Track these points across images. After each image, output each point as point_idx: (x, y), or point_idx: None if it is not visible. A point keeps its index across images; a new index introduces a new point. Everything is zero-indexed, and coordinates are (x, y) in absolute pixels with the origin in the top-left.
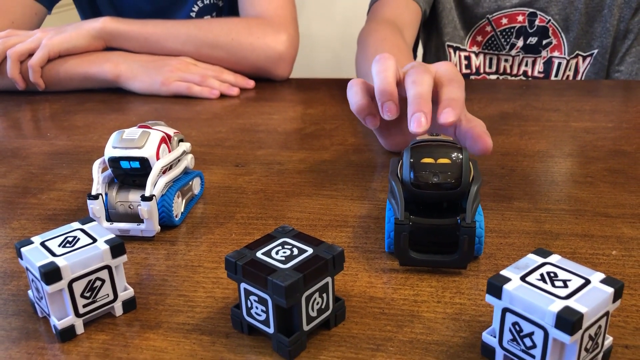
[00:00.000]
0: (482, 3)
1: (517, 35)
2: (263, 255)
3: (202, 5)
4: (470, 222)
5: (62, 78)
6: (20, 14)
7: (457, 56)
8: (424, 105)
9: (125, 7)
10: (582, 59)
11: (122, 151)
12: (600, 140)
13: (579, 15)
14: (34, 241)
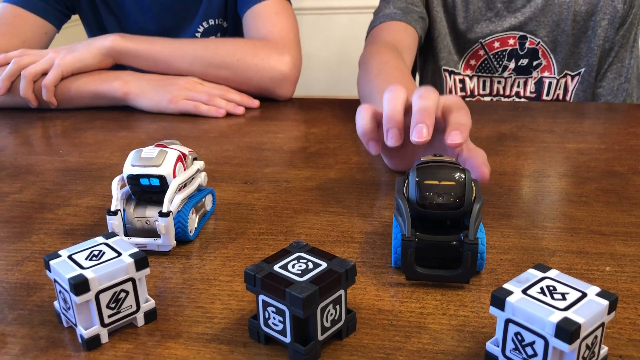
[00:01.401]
0: (475, 28)
1: (509, 58)
2: (280, 268)
3: (207, 26)
4: (472, 238)
5: (73, 96)
6: (30, 33)
7: (452, 80)
8: (427, 118)
9: (131, 26)
10: (571, 78)
11: (141, 169)
12: (593, 161)
13: (566, 37)
14: (62, 254)
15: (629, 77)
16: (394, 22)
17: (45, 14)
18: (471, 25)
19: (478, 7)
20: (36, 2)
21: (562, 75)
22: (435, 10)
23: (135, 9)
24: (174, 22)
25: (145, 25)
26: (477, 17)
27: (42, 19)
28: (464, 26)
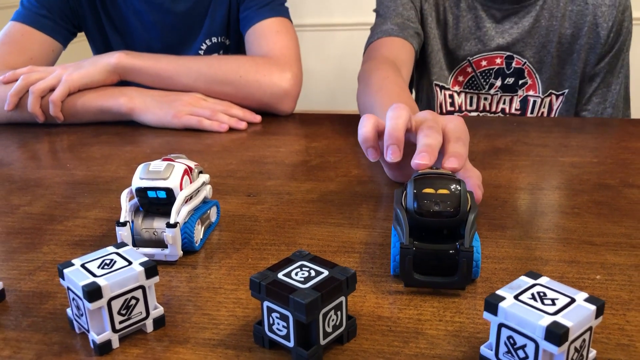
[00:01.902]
0: (464, 46)
1: (496, 76)
2: (284, 276)
3: (210, 44)
4: (468, 246)
5: (79, 111)
6: (38, 51)
7: (442, 94)
8: (430, 152)
9: (136, 44)
10: (556, 97)
11: (149, 182)
12: (585, 174)
13: (551, 58)
14: (75, 263)
15: (613, 102)
16: (391, 37)
17: (51, 32)
18: (460, 42)
19: (468, 25)
20: (43, 20)
21: (547, 95)
22: (429, 26)
23: (140, 27)
24: (178, 39)
25: (149, 43)
26: (466, 35)
27: (48, 36)
28: (453, 43)
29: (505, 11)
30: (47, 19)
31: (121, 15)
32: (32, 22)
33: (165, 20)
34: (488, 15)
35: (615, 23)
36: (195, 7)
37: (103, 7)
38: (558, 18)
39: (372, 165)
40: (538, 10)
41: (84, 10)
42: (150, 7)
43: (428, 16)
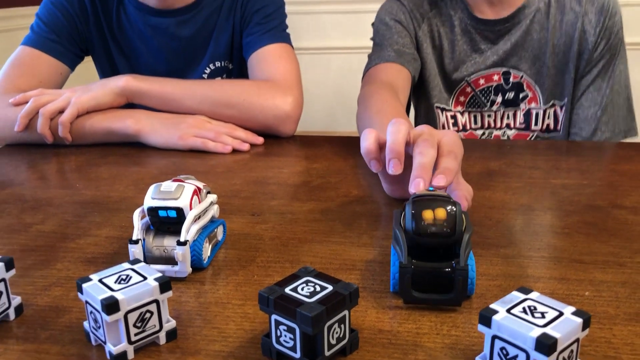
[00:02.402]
0: (461, 68)
1: (496, 92)
2: (291, 291)
3: (214, 68)
4: (463, 265)
5: (87, 132)
6: (46, 74)
7: (444, 116)
8: (425, 173)
9: (142, 67)
10: (560, 108)
11: (160, 202)
12: (576, 195)
13: (548, 69)
14: (93, 278)
15: (603, 106)
16: (389, 63)
17: (60, 56)
18: (458, 65)
19: (464, 48)
20: (52, 44)
21: (550, 105)
22: (425, 52)
23: (146, 51)
24: (183, 63)
25: (155, 67)
26: (462, 57)
27: (57, 60)
28: (451, 67)
29: (498, 32)
30: (56, 43)
31: (128, 40)
32: (42, 47)
33: (171, 44)
34: (482, 37)
35: (602, 29)
36: (200, 33)
37: (110, 31)
38: (549, 29)
39: (371, 186)
40: (528, 24)
41: (91, 35)
42: (156, 32)
43: (423, 42)
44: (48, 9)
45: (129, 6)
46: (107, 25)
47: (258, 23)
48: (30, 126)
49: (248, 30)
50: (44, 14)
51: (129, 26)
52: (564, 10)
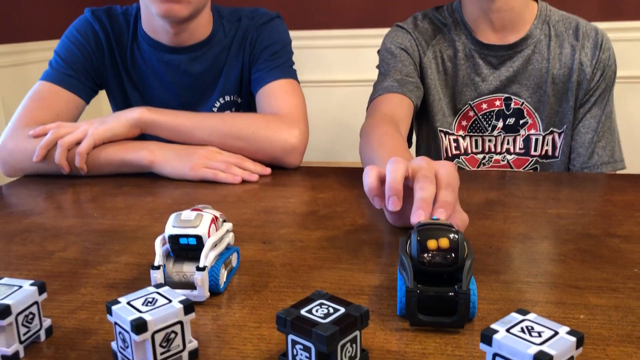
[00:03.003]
0: (465, 92)
1: (497, 118)
2: (306, 312)
3: (223, 102)
4: (465, 289)
5: (102, 163)
6: (64, 107)
7: (447, 139)
8: (426, 207)
9: (154, 101)
10: (558, 135)
11: (180, 229)
12: (571, 224)
13: (548, 97)
14: (121, 301)
15: (598, 132)
16: (391, 94)
17: (77, 90)
18: (461, 89)
19: (467, 73)
20: (69, 79)
21: (549, 132)
22: (429, 78)
23: (159, 86)
24: (194, 98)
25: (167, 101)
26: (466, 81)
27: (74, 94)
28: (454, 90)
29: (501, 57)
30: (73, 78)
31: (141, 75)
32: (60, 82)
33: (182, 80)
34: (485, 62)
35: (598, 62)
36: (211, 69)
37: (124, 67)
38: (549, 60)
39: (376, 215)
40: (530, 53)
41: (106, 70)
42: (169, 68)
43: (428, 68)
44: (66, 45)
45: (143, 43)
46: (122, 61)
47: (266, 60)
48: (48, 157)
49: (257, 66)
50: (62, 50)
51: (143, 62)
52: (562, 44)
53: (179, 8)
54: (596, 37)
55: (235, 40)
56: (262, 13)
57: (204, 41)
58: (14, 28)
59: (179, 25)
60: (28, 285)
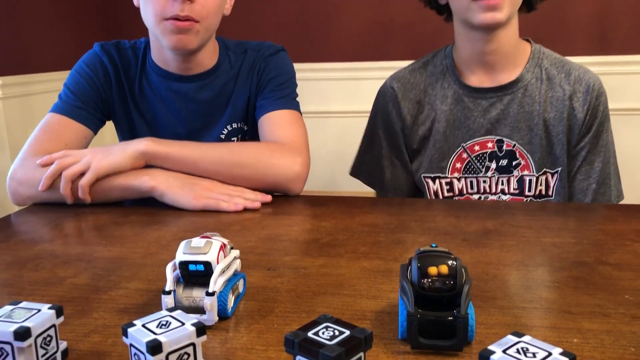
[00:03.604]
0: (457, 135)
1: (490, 159)
2: (313, 335)
3: (231, 129)
4: (464, 313)
5: (105, 190)
6: (72, 138)
7: (436, 183)
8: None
9: (161, 129)
10: (551, 175)
11: (190, 256)
12: (565, 253)
13: (540, 140)
14: (136, 324)
15: (597, 179)
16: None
17: (85, 121)
18: (453, 131)
19: (458, 117)
20: (77, 111)
21: (542, 173)
22: (421, 130)
23: (166, 114)
24: (201, 125)
25: (174, 128)
26: (457, 125)
27: (82, 125)
28: (446, 134)
29: (490, 99)
30: (81, 109)
31: (149, 104)
32: (68, 113)
33: (190, 107)
34: (475, 104)
35: (590, 107)
36: (218, 97)
37: (132, 96)
38: (540, 103)
39: (377, 244)
40: (520, 97)
41: (113, 101)
42: (177, 95)
43: (421, 125)
44: (75, 79)
45: (152, 74)
46: (130, 91)
47: (272, 90)
48: (54, 186)
49: (262, 95)
50: (71, 83)
51: (151, 91)
52: (554, 87)
53: (189, 39)
54: (589, 82)
55: (243, 70)
56: (268, 46)
57: (210, 70)
58: (20, 60)
59: (188, 55)
60: (46, 308)
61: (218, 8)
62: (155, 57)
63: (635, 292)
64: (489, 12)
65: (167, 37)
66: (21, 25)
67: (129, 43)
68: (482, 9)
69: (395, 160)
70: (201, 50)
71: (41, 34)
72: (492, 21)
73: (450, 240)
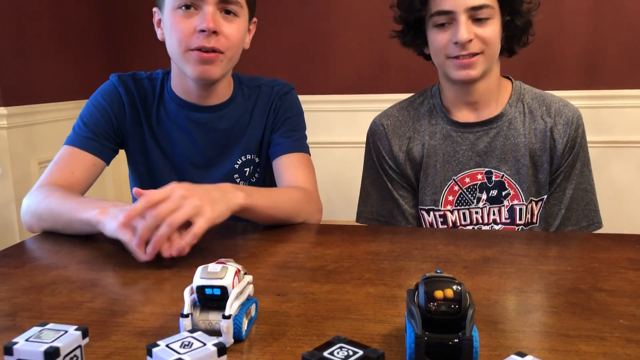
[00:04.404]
0: (447, 169)
1: (480, 190)
2: (328, 354)
3: (244, 160)
4: (468, 335)
5: (66, 223)
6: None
7: (431, 216)
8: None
9: (177, 157)
10: (535, 203)
11: (207, 281)
12: (562, 280)
13: (526, 169)
14: (160, 344)
15: (566, 205)
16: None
17: (98, 153)
18: (443, 165)
19: (447, 151)
20: (89, 142)
21: (529, 202)
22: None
23: (185, 142)
24: (217, 153)
25: (191, 156)
26: (447, 159)
27: (93, 155)
28: (436, 169)
29: (477, 132)
30: (92, 140)
31: (166, 132)
32: (79, 144)
33: (209, 136)
34: (462, 139)
35: (569, 139)
36: (234, 127)
37: (148, 125)
38: (525, 135)
39: (381, 270)
40: (505, 130)
41: (126, 130)
42: (196, 125)
43: (408, 162)
44: (89, 110)
45: (171, 103)
46: (146, 119)
47: (289, 130)
48: (70, 224)
49: (279, 133)
50: (85, 115)
51: (168, 120)
52: (536, 119)
53: (214, 70)
54: (568, 115)
55: (259, 104)
56: (281, 84)
57: (227, 101)
58: (25, 91)
59: (209, 85)
60: (72, 330)
61: (240, 41)
62: (176, 87)
63: (630, 317)
64: (464, 69)
65: (192, 67)
66: (27, 58)
67: (145, 74)
68: (456, 67)
69: (401, 193)
70: (221, 80)
71: (46, 66)
72: (467, 77)
73: (451, 267)
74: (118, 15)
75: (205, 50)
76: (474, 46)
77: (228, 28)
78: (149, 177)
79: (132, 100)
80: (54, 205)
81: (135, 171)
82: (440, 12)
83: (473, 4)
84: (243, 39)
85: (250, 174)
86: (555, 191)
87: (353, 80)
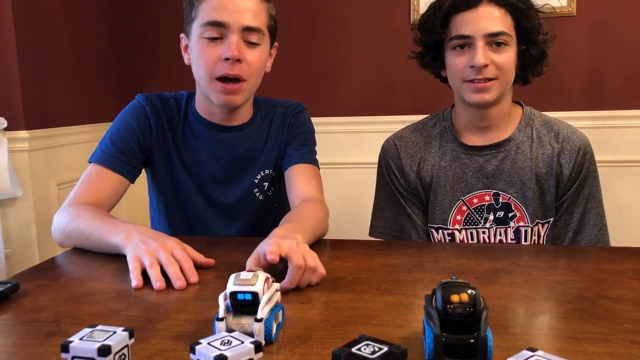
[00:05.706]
0: (456, 188)
1: (488, 211)
2: (356, 350)
3: (263, 175)
4: (483, 335)
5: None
6: (109, 187)
7: (440, 234)
8: None
9: (201, 174)
10: (542, 225)
11: (240, 287)
12: (569, 289)
13: (532, 193)
14: (202, 342)
15: (574, 228)
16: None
17: (122, 171)
18: (452, 186)
19: (456, 172)
20: (115, 161)
21: (535, 224)
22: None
23: (209, 159)
24: (237, 170)
25: (214, 173)
26: (456, 179)
27: (119, 175)
28: (445, 189)
29: (485, 155)
30: (118, 159)
31: (192, 150)
32: (106, 163)
33: (230, 154)
34: (471, 161)
35: (575, 164)
36: (254, 145)
37: (174, 142)
38: (532, 160)
39: (397, 281)
40: (513, 154)
41: (152, 146)
42: (220, 144)
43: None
44: (116, 128)
45: (196, 123)
46: (172, 136)
47: (301, 143)
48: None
49: (292, 146)
50: (113, 134)
51: (193, 138)
52: (544, 145)
53: (237, 98)
54: (575, 142)
55: (275, 123)
56: (293, 104)
57: (248, 122)
58: (46, 114)
59: (233, 110)
60: (120, 330)
61: (262, 67)
62: (200, 108)
63: (634, 322)
64: (479, 93)
65: (217, 95)
66: (47, 84)
67: (171, 94)
68: (472, 90)
69: (413, 209)
70: (243, 105)
71: (65, 91)
72: (481, 101)
73: (464, 278)
74: (132, 43)
75: (229, 77)
76: (489, 71)
77: (251, 55)
78: (173, 192)
79: (159, 118)
80: (83, 226)
81: (159, 187)
82: (459, 36)
83: (491, 31)
84: (264, 64)
85: (268, 187)
86: (563, 214)
87: (361, 103)
